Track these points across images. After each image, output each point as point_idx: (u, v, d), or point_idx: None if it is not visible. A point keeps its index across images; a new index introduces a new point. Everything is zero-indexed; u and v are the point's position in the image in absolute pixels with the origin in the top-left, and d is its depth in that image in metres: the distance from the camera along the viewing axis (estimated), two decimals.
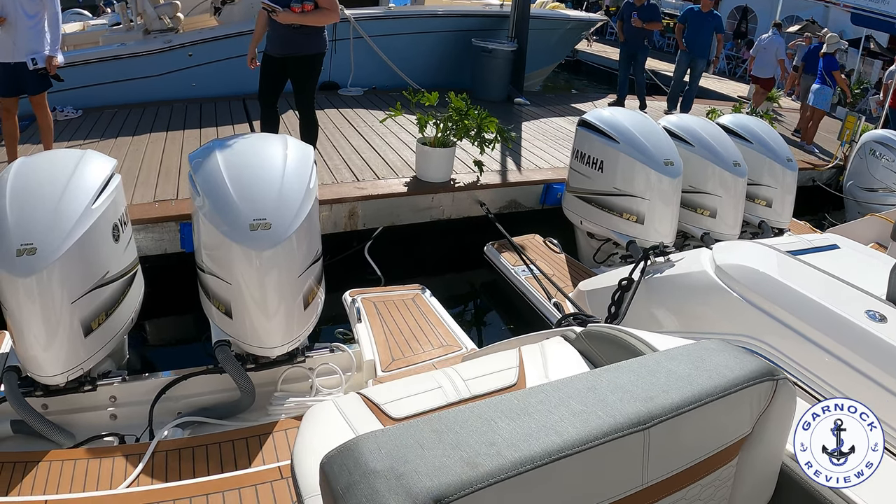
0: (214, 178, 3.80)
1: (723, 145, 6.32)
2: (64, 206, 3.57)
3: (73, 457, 3.47)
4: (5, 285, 3.38)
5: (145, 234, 5.82)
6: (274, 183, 3.78)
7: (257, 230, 3.56)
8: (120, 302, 3.95)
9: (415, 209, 7.10)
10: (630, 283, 4.57)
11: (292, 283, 3.73)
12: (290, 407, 3.98)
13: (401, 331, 4.61)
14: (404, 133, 9.07)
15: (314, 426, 2.33)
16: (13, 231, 3.41)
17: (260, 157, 3.95)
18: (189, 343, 5.86)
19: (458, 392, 2.45)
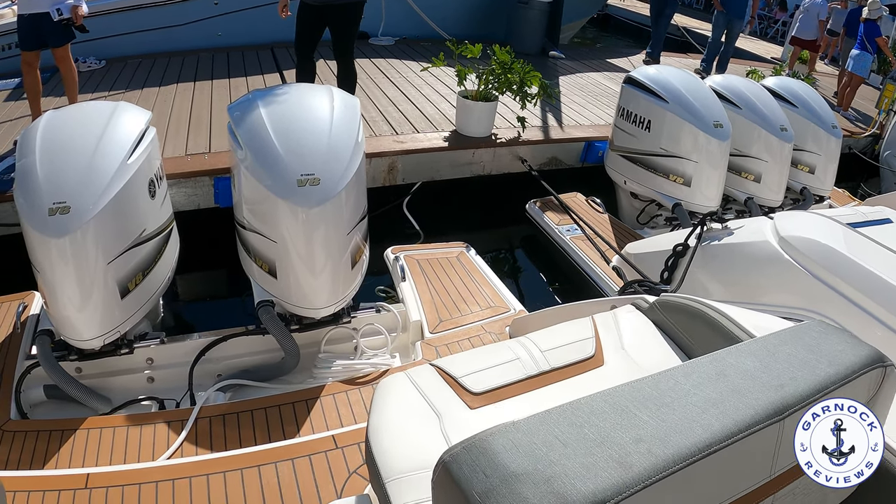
0: (258, 130, 3.60)
1: (770, 108, 6.13)
2: (98, 161, 3.39)
3: (111, 424, 3.33)
4: (37, 246, 3.21)
5: (177, 190, 5.63)
6: (322, 136, 3.58)
7: (305, 186, 3.36)
8: (157, 261, 3.80)
9: (455, 164, 6.91)
10: (685, 249, 4.40)
11: (340, 241, 3.55)
12: (336, 370, 3.82)
13: (447, 290, 4.44)
14: (440, 85, 8.85)
15: (388, 400, 2.20)
16: (44, 189, 3.23)
17: (305, 109, 3.75)
18: (225, 302, 5.72)
19: (536, 364, 2.35)
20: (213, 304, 5.77)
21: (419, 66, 9.22)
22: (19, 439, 3.23)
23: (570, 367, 2.41)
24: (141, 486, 2.83)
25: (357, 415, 3.41)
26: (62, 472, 2.93)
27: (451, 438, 2.05)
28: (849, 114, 11.01)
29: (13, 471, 3.02)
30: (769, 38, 21.45)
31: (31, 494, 2.79)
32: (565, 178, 6.94)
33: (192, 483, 2.85)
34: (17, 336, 3.86)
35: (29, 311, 4.06)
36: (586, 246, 5.40)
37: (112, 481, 2.85)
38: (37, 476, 2.90)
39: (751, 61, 13.87)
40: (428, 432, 2.09)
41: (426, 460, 1.99)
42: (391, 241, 5.03)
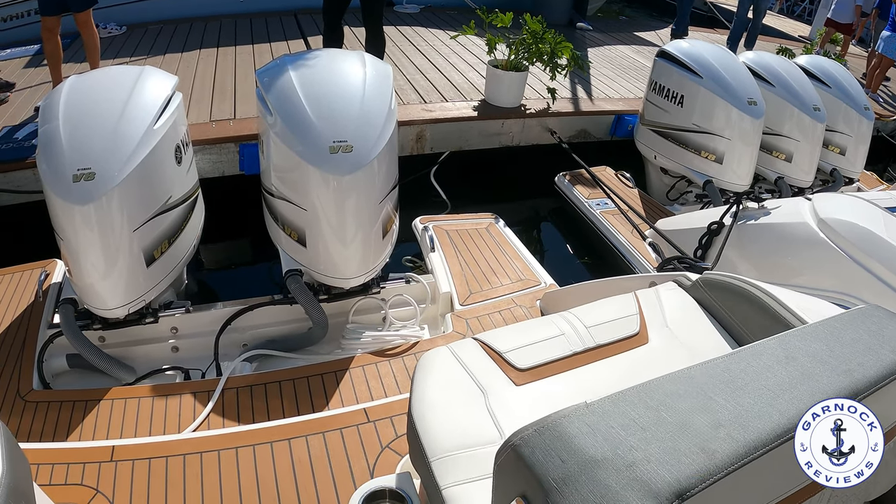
0: (288, 95, 3.50)
1: (803, 87, 6.00)
2: (123, 126, 3.31)
3: (135, 395, 3.28)
4: (61, 213, 3.13)
5: (202, 156, 5.55)
6: (354, 102, 3.48)
7: (338, 153, 3.26)
8: (182, 228, 3.73)
9: (484, 134, 6.80)
10: (720, 227, 4.35)
11: (372, 210, 3.46)
12: (366, 341, 3.76)
13: (476, 262, 4.37)
14: (468, 54, 8.71)
15: (432, 375, 2.13)
16: (68, 155, 3.15)
17: (337, 75, 3.65)
18: (251, 271, 5.65)
19: (582, 341, 2.29)
20: (239, 272, 5.70)
21: (445, 34, 9.17)
22: (42, 410, 3.19)
23: (615, 344, 2.34)
24: (168, 459, 2.76)
25: (387, 387, 3.34)
26: (87, 445, 2.87)
27: (497, 416, 1.97)
28: (877, 96, 10.76)
29: (36, 442, 2.98)
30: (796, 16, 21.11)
31: (56, 467, 2.73)
32: (594, 152, 6.86)
33: (220, 456, 2.78)
34: (39, 305, 3.80)
35: (51, 279, 4.00)
36: (617, 221, 5.31)
37: (138, 454, 2.79)
38: (61, 448, 2.84)
39: (779, 39, 13.59)
40: (473, 409, 2.01)
41: (472, 438, 1.91)
42: (418, 210, 4.96)
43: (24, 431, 3.09)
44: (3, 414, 3.18)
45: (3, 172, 5.22)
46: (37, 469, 2.72)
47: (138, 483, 2.68)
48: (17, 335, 3.67)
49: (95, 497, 2.63)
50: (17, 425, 3.13)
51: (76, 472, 2.72)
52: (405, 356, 3.52)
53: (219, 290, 5.21)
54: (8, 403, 3.26)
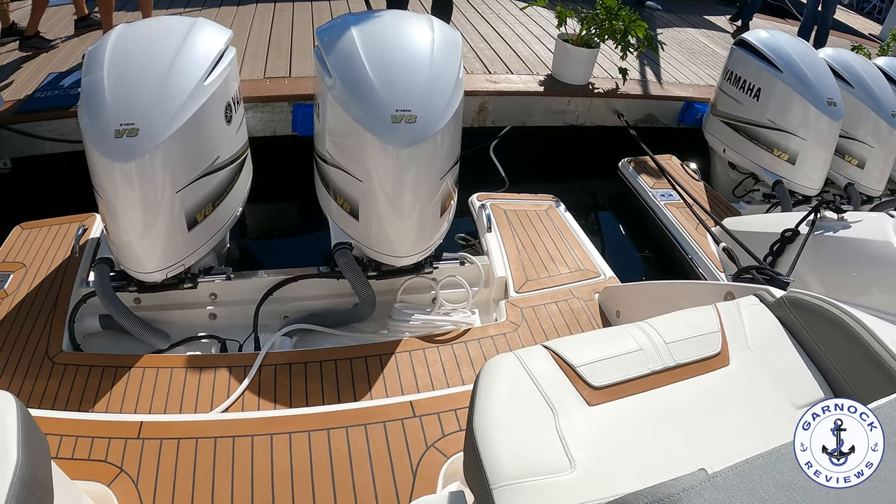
0: (350, 57, 3.28)
1: (883, 91, 5.64)
2: (172, 81, 3.12)
3: (168, 364, 3.13)
4: (101, 169, 2.97)
5: (253, 114, 5.41)
6: (421, 70, 3.25)
7: (400, 123, 3.04)
8: (228, 191, 3.56)
9: (548, 111, 6.56)
10: (795, 235, 4.11)
11: (432, 185, 3.25)
12: (414, 325, 3.58)
13: (534, 246, 4.17)
14: (534, 26, 8.46)
15: (497, 386, 1.93)
16: (112, 108, 2.96)
17: (404, 39, 3.42)
18: (297, 238, 5.51)
19: (661, 359, 2.06)
20: (284, 238, 5.56)
21: (513, 4, 8.85)
22: (70, 374, 3.08)
23: (695, 364, 2.13)
24: (198, 441, 2.61)
25: (434, 377, 3.16)
26: (114, 418, 2.73)
27: (567, 440, 1.76)
28: None
29: (61, 411, 2.85)
30: (865, 12, 20.44)
31: (80, 440, 2.61)
32: (659, 138, 6.59)
33: (253, 442, 2.62)
34: (74, 261, 3.69)
35: (89, 234, 3.90)
36: (681, 214, 5.08)
37: (166, 432, 2.65)
38: (87, 420, 2.71)
39: (849, 35, 13.11)
40: (542, 430, 1.80)
41: (540, 466, 1.72)
42: (475, 185, 4.79)
43: (49, 396, 2.98)
44: (31, 376, 3.08)
45: (48, 120, 5.16)
46: (59, 441, 2.60)
47: (165, 464, 2.54)
48: (51, 292, 3.56)
49: (119, 477, 2.50)
50: (44, 389, 3.02)
51: (101, 447, 2.59)
52: (455, 344, 3.33)
53: (261, 255, 5.08)
54: (35, 364, 3.15)
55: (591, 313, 3.63)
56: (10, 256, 3.84)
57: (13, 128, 5.19)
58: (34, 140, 5.25)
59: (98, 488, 2.46)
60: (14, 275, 3.69)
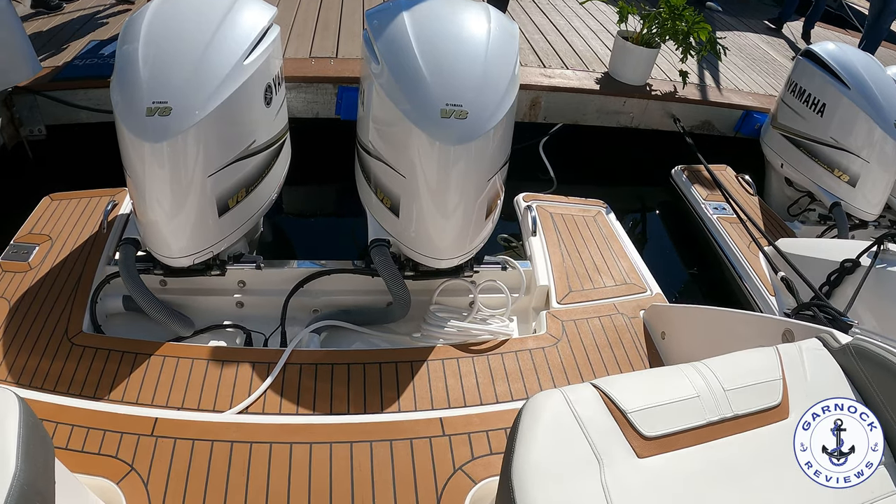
0: (400, 44, 3.11)
1: None
2: (210, 58, 2.97)
3: (189, 355, 3.02)
4: (130, 148, 2.84)
5: (296, 94, 5.30)
6: (476, 62, 3.06)
7: (450, 118, 2.86)
8: (263, 176, 3.43)
9: (602, 111, 6.40)
10: (855, 266, 3.87)
11: (479, 186, 3.07)
12: (449, 332, 3.41)
13: (580, 255, 3.99)
14: (592, 20, 8.28)
15: (541, 428, 1.78)
16: (145, 84, 2.83)
17: (458, 28, 3.22)
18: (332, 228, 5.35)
19: (717, 407, 1.91)
20: (318, 226, 5.42)
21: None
22: (88, 356, 2.99)
23: (754, 415, 1.97)
24: (213, 444, 2.49)
25: (467, 391, 3.01)
26: (128, 412, 2.61)
27: (612, 495, 1.61)
28: None
29: (75, 397, 2.75)
30: None
31: (91, 432, 2.51)
32: (714, 146, 6.41)
33: (272, 450, 2.48)
34: (101, 237, 3.60)
35: (118, 210, 3.80)
36: (733, 230, 4.88)
37: (182, 432, 2.53)
38: (100, 411, 2.60)
39: None
40: (586, 483, 1.65)
41: None
42: (521, 183, 4.62)
43: (65, 378, 2.90)
44: (48, 355, 3.00)
45: (84, 89, 5.11)
46: (70, 430, 2.50)
47: (178, 466, 2.42)
48: (75, 269, 3.47)
49: (129, 475, 2.39)
50: (60, 370, 2.93)
51: (112, 441, 2.48)
52: (490, 355, 3.18)
53: (294, 241, 4.97)
54: (54, 344, 3.06)
55: (635, 332, 3.45)
56: (37, 228, 3.76)
57: (49, 94, 5.14)
58: (70, 108, 5.20)
59: (106, 485, 2.36)
60: (39, 247, 3.61)
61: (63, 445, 2.47)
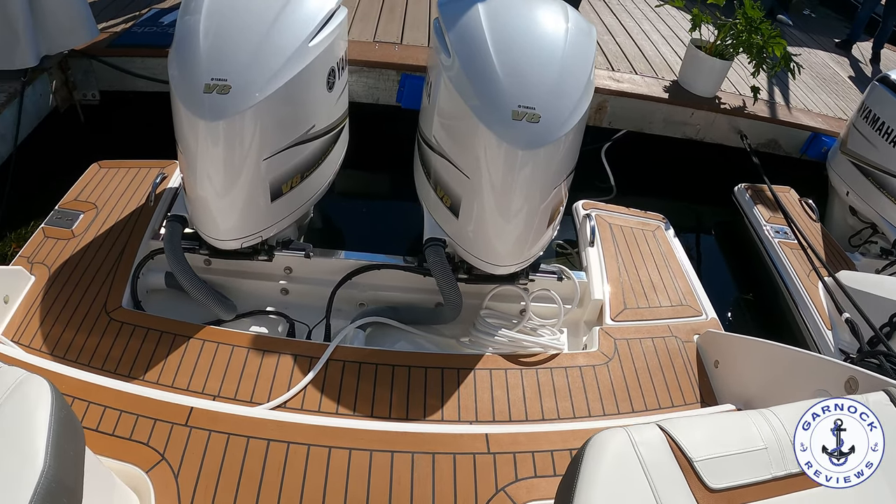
0: (474, 38, 2.98)
1: None
2: (274, 38, 2.88)
3: (230, 341, 2.97)
4: (185, 124, 2.78)
5: (357, 78, 5.22)
6: (552, 64, 2.92)
7: (521, 120, 2.73)
8: (320, 163, 3.35)
9: (669, 120, 6.25)
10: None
11: (544, 193, 2.95)
12: (499, 340, 3.31)
13: (637, 271, 3.85)
14: (663, 25, 8.10)
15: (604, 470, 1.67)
16: (205, 59, 2.75)
17: (535, 25, 3.09)
18: (385, 220, 5.26)
19: (784, 461, 1.80)
20: (370, 216, 5.34)
21: None
22: (125, 333, 2.94)
23: None
24: (249, 441, 2.40)
25: (513, 404, 2.91)
26: (163, 397, 2.53)
27: None
28: None
29: (109, 375, 2.70)
30: None
31: (124, 415, 2.44)
32: (778, 166, 6.25)
33: (309, 453, 2.40)
34: (148, 210, 3.55)
35: (167, 182, 3.76)
36: (794, 256, 4.71)
37: (217, 424, 2.45)
38: (135, 395, 2.53)
39: None
40: None
41: None
42: (580, 188, 4.43)
43: (100, 354, 2.85)
44: (84, 328, 2.96)
45: (141, 57, 5.08)
46: (103, 412, 2.44)
47: (210, 460, 2.34)
48: (119, 240, 3.43)
49: (159, 464, 2.32)
50: (95, 345, 2.89)
51: (145, 427, 2.41)
52: (540, 369, 3.07)
53: (344, 229, 4.89)
54: (91, 317, 3.02)
55: (688, 357, 3.33)
56: (84, 195, 3.71)
57: (105, 60, 5.12)
58: (125, 75, 5.18)
59: (135, 472, 2.29)
60: (84, 215, 3.57)
61: (93, 427, 2.41)
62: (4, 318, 3.01)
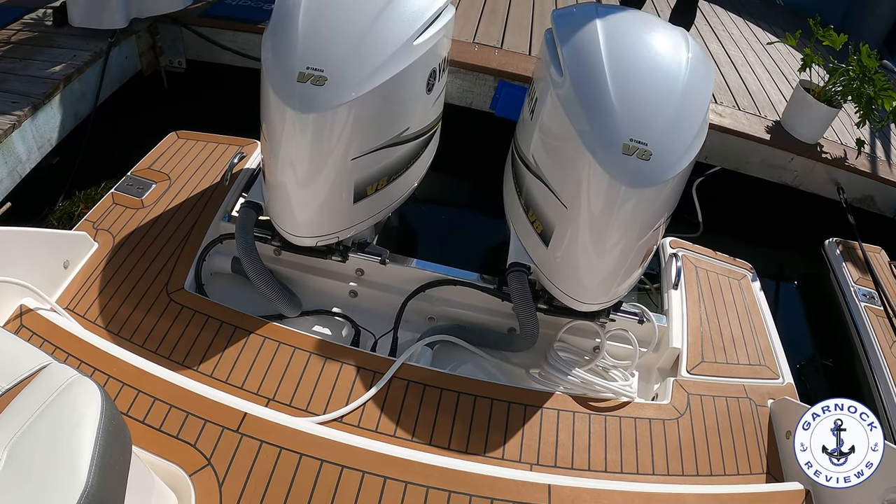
0: (591, 60, 2.80)
1: None
2: (378, 32, 2.75)
3: (291, 342, 2.88)
4: (273, 111, 2.68)
5: (452, 79, 5.14)
6: (670, 97, 2.74)
7: (632, 156, 2.56)
8: (409, 166, 3.24)
9: (766, 162, 6.01)
10: None
11: (643, 232, 2.78)
12: (571, 380, 3.15)
13: (719, 322, 3.65)
14: (768, 59, 7.79)
15: None
16: (302, 45, 2.64)
17: (654, 53, 2.90)
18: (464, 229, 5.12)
19: None
20: (449, 224, 5.19)
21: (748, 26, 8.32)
22: (184, 318, 2.89)
23: None
24: (301, 458, 2.31)
25: (577, 453, 2.76)
26: (216, 397, 2.45)
27: None
28: None
29: (162, 362, 2.66)
30: None
31: (173, 411, 2.37)
32: (870, 224, 6.02)
33: (363, 481, 2.29)
34: (222, 189, 3.49)
35: (245, 163, 3.69)
36: (879, 326, 4.50)
37: (270, 435, 2.36)
38: (188, 391, 2.46)
39: None
40: None
41: None
42: None
43: (156, 336, 2.80)
44: (142, 306, 2.91)
45: (232, 31, 5.03)
46: (152, 403, 2.38)
47: (258, 473, 2.25)
48: (188, 218, 3.37)
49: (204, 469, 2.24)
50: (152, 326, 2.84)
51: (194, 427, 2.34)
52: (608, 416, 2.92)
53: (420, 234, 4.78)
54: (151, 295, 2.97)
55: (759, 423, 3.14)
56: (158, 164, 3.65)
57: (195, 29, 5.10)
58: (213, 47, 5.16)
59: (178, 473, 2.22)
60: (156, 185, 3.51)
61: (140, 418, 2.34)
62: (61, 283, 2.97)
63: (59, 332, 2.62)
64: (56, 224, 4.41)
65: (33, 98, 4.43)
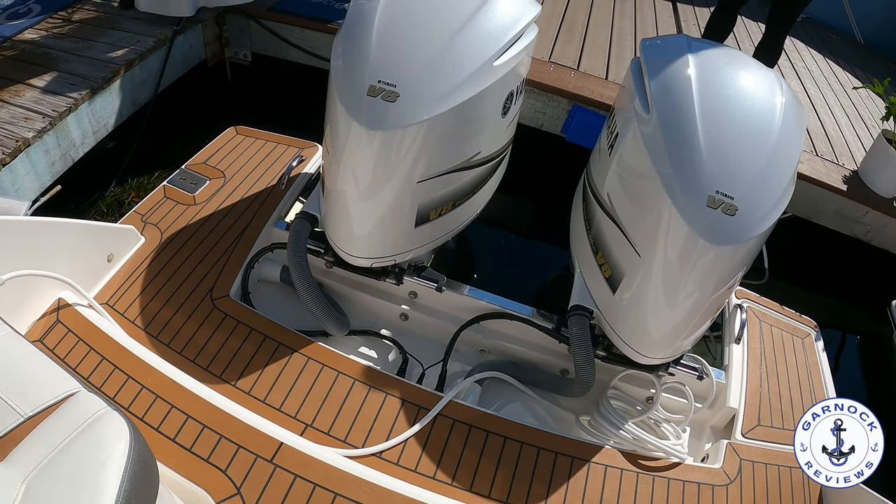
0: (681, 97, 2.65)
1: None
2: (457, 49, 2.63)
3: (336, 366, 2.78)
4: (340, 122, 2.57)
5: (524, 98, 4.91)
6: (762, 149, 2.58)
7: (717, 209, 2.41)
8: (475, 191, 3.12)
9: (840, 214, 5.80)
10: None
11: (717, 288, 2.62)
12: (624, 436, 3.00)
13: (779, 383, 3.47)
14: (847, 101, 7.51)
15: None
16: (375, 56, 2.53)
17: (748, 98, 2.73)
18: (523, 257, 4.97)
19: None
20: (509, 252, 5.07)
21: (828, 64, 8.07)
22: (227, 328, 2.81)
23: None
24: (336, 499, 2.20)
25: None
26: (253, 423, 2.37)
27: None
28: None
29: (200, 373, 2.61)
30: None
31: (206, 431, 2.30)
32: None
33: None
34: (277, 193, 3.42)
35: (304, 167, 3.62)
36: None
37: (305, 470, 2.26)
38: (223, 411, 2.38)
39: None
40: None
41: None
42: None
43: (195, 344, 2.73)
44: (184, 311, 2.84)
45: (300, 27, 4.97)
46: (184, 421, 2.31)
47: None
48: (240, 220, 3.29)
49: (232, 499, 2.15)
50: (192, 333, 2.76)
51: (227, 452, 2.25)
52: (657, 476, 2.79)
53: (478, 258, 4.65)
54: (195, 300, 2.90)
55: (810, 495, 2.96)
56: (214, 160, 3.58)
57: (262, 22, 5.06)
58: (280, 42, 5.12)
59: (204, 498, 2.14)
60: (210, 183, 3.44)
61: (171, 435, 2.27)
62: (103, 278, 2.92)
63: (96, 331, 2.56)
64: (105, 210, 4.39)
65: (92, 82, 4.40)
